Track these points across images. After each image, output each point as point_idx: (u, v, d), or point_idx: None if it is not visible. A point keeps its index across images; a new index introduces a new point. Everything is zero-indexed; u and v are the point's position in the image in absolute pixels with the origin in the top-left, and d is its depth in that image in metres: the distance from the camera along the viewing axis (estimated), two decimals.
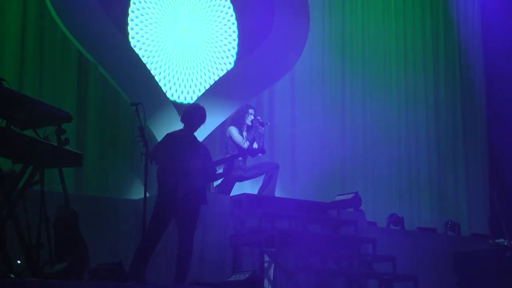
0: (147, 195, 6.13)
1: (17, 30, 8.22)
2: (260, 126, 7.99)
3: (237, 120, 8.22)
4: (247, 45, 9.81)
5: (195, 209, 5.91)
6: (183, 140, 6.04)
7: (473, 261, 8.66)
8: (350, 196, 8.22)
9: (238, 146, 7.97)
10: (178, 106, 8.90)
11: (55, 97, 8.17)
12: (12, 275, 4.31)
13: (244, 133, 8.09)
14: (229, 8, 9.91)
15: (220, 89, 9.25)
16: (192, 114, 6.18)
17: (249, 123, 8.09)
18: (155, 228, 5.82)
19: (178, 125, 8.60)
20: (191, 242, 5.88)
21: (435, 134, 11.50)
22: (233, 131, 8.06)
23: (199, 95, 9.26)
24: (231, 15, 9.92)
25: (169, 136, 6.13)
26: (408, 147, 11.21)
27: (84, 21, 8.36)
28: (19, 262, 4.93)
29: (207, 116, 6.25)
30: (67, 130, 4.82)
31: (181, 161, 5.88)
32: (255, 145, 7.94)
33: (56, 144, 4.73)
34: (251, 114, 8.14)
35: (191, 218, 5.87)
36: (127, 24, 8.97)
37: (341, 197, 8.26)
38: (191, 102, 9.13)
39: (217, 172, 6.52)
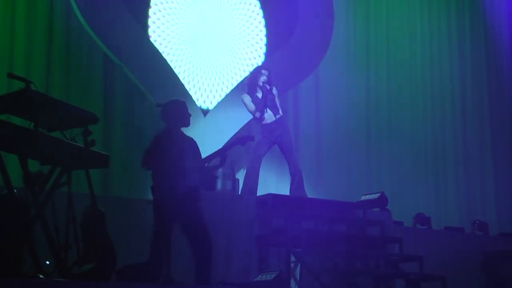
0: None
1: (43, 32, 8.31)
2: (268, 94, 7.45)
3: (250, 85, 7.63)
4: (273, 44, 9.78)
5: (195, 208, 5.70)
6: (172, 138, 5.82)
7: (502, 261, 8.55)
8: (376, 195, 8.16)
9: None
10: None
11: (82, 99, 8.25)
12: (41, 276, 4.35)
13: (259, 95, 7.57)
14: (255, 6, 9.86)
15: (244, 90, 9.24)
16: (166, 110, 5.89)
17: (261, 84, 7.51)
18: (162, 231, 5.63)
19: (202, 125, 8.66)
20: (207, 242, 5.66)
21: (461, 130, 11.39)
22: (245, 99, 7.56)
23: (219, 100, 9.23)
24: (258, 13, 9.86)
25: (158, 137, 5.86)
26: (435, 146, 11.12)
27: (109, 22, 8.42)
28: (48, 262, 4.98)
29: (234, 116, 6.01)
30: (93, 132, 4.85)
31: (175, 161, 5.69)
32: (268, 116, 7.48)
33: (83, 145, 4.77)
34: (264, 75, 7.54)
35: (195, 218, 5.67)
36: (148, 16, 8.93)
37: (367, 197, 8.20)
38: (210, 106, 9.14)
39: (212, 165, 6.04)
